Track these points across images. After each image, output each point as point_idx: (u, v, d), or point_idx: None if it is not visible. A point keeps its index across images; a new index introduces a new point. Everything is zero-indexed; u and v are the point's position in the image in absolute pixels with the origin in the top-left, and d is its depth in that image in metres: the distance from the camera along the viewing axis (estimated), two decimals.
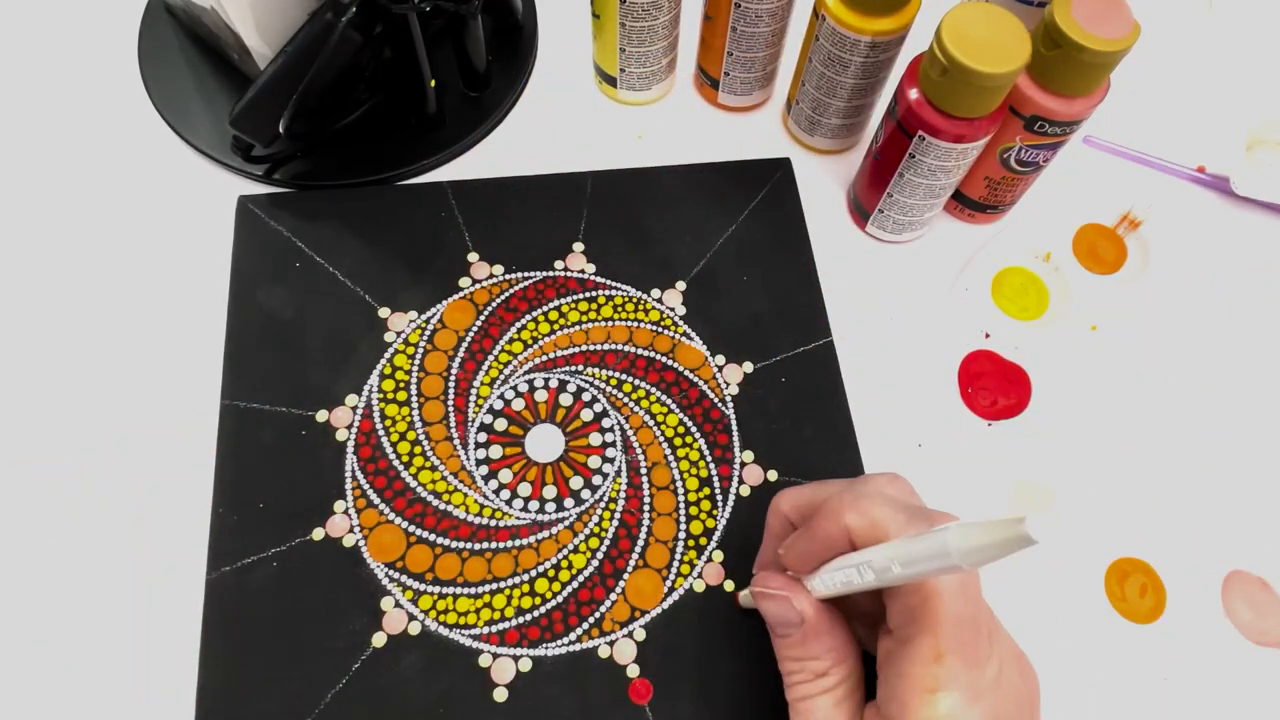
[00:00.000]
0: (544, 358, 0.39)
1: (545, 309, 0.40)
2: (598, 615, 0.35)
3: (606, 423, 0.38)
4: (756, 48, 0.41)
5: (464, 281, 0.40)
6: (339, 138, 0.42)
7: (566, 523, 0.36)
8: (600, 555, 0.36)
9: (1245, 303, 0.42)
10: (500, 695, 0.33)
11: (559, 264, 0.41)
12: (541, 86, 0.46)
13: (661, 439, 0.38)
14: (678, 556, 0.36)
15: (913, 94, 0.35)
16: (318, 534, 0.35)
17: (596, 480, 0.37)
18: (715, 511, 0.37)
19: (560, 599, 0.35)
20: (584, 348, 0.39)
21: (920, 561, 0.22)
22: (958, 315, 0.41)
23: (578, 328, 0.40)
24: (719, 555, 0.36)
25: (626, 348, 0.39)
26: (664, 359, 0.39)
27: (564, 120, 0.45)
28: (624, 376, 0.39)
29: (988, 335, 0.40)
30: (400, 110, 0.43)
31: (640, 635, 0.34)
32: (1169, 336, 0.41)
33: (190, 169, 0.43)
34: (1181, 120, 0.46)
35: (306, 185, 0.42)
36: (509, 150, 0.44)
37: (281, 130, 0.39)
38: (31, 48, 0.45)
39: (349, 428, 0.37)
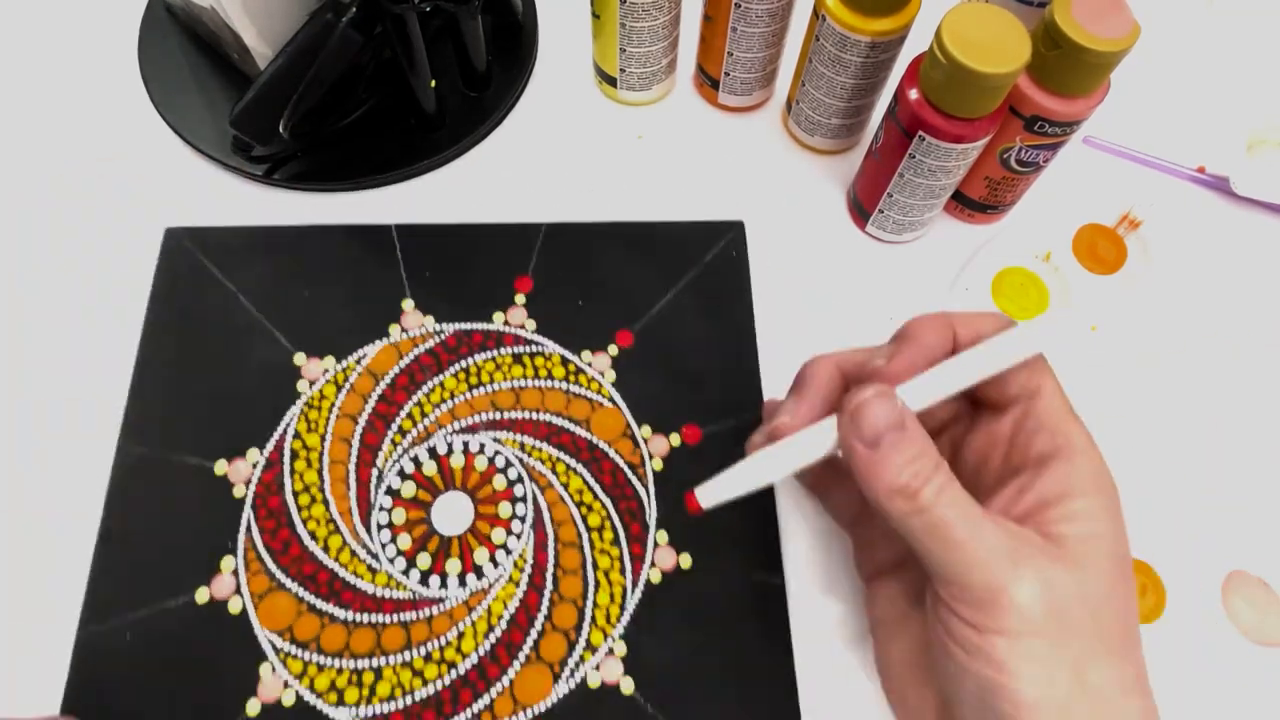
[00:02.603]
0: (465, 421, 0.37)
1: (467, 363, 0.38)
2: (484, 703, 0.33)
3: (520, 491, 0.36)
4: (756, 48, 0.41)
5: (394, 329, 0.39)
6: (339, 138, 0.42)
7: (463, 599, 0.34)
8: (493, 640, 0.34)
9: (1245, 303, 0.42)
10: None
11: (499, 316, 0.39)
12: (541, 86, 0.46)
13: (576, 515, 0.36)
14: (579, 645, 0.34)
15: (913, 94, 0.35)
16: (201, 594, 0.34)
17: (500, 556, 0.35)
18: (622, 599, 0.34)
19: (446, 682, 0.33)
20: (508, 412, 0.37)
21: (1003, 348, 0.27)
22: None
23: (505, 385, 0.38)
24: (620, 649, 0.33)
25: (550, 413, 0.37)
26: (587, 426, 0.37)
27: (564, 120, 0.45)
28: (543, 445, 0.37)
29: None
30: (400, 110, 0.43)
31: None
32: (1169, 336, 0.41)
33: (190, 169, 0.43)
34: (1181, 120, 0.46)
35: (306, 186, 0.42)
36: (509, 151, 0.44)
37: (281, 130, 0.39)
38: (31, 47, 0.45)
39: (247, 483, 0.35)
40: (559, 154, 0.44)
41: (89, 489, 0.35)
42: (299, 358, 0.38)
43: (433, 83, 0.41)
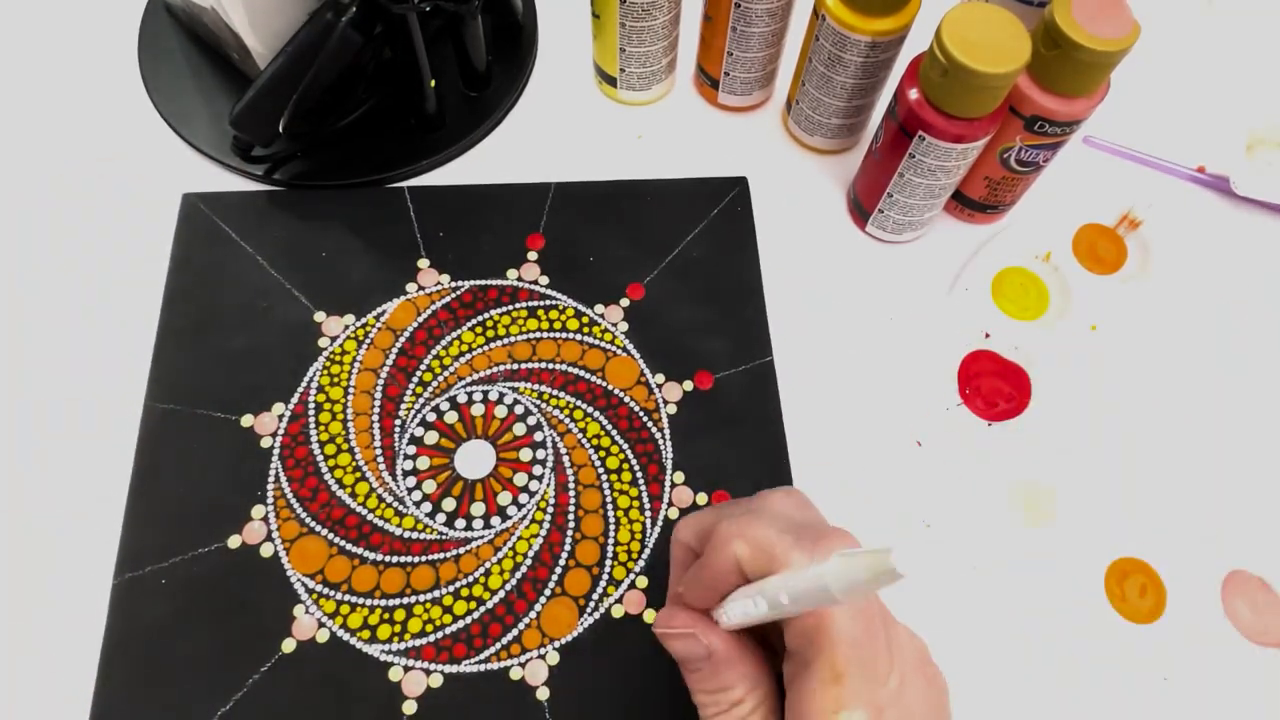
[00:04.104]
0: (484, 372, 0.38)
1: (484, 318, 0.39)
2: (513, 635, 0.34)
3: (539, 437, 0.37)
4: (756, 48, 0.41)
5: (410, 287, 0.40)
6: (339, 138, 0.42)
7: (488, 539, 0.35)
8: (519, 576, 0.35)
9: (1245, 302, 0.42)
10: (410, 708, 0.32)
11: (512, 273, 0.40)
12: (541, 86, 0.46)
13: (595, 459, 0.37)
14: (602, 579, 0.35)
15: (913, 94, 0.35)
16: (234, 541, 0.35)
17: (523, 499, 0.36)
18: (642, 536, 0.36)
19: (475, 616, 0.34)
20: (525, 363, 0.38)
21: (804, 597, 0.22)
22: (958, 315, 0.41)
23: (522, 338, 0.39)
24: (642, 582, 0.35)
25: (566, 363, 0.39)
26: (603, 375, 0.38)
27: (564, 120, 0.45)
28: (560, 393, 0.38)
29: (988, 335, 0.40)
30: (400, 110, 0.43)
31: (554, 659, 0.34)
32: (1169, 336, 0.41)
33: (190, 169, 0.43)
34: (1181, 120, 0.46)
35: (306, 185, 0.42)
36: (509, 151, 0.44)
37: (281, 130, 0.39)
38: (31, 47, 0.45)
39: (274, 435, 0.36)
40: (559, 154, 0.44)
41: (119, 446, 0.36)
42: (319, 315, 0.39)
43: (433, 83, 0.41)
